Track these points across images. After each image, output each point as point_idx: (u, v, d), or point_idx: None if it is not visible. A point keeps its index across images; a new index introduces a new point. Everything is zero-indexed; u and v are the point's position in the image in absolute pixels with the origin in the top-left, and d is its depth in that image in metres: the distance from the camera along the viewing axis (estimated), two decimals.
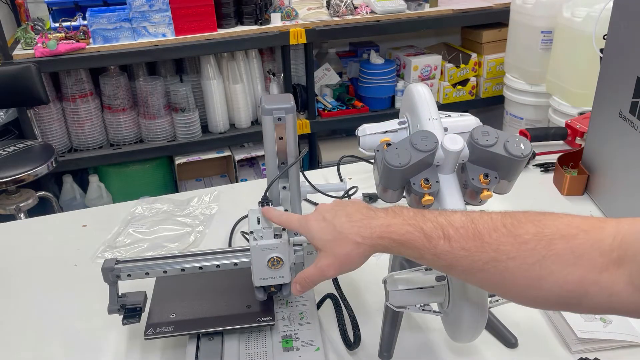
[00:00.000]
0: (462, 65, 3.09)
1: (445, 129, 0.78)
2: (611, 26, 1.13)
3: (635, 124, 1.05)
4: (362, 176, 1.36)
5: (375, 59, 2.94)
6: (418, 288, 0.75)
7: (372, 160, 0.83)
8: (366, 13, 2.80)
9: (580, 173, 1.27)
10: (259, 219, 0.81)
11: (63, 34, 2.45)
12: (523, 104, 2.75)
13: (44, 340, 0.93)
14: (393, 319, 0.83)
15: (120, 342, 0.90)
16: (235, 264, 0.82)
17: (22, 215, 2.35)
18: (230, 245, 1.15)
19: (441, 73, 3.10)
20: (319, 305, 0.92)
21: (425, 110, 0.79)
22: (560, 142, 1.49)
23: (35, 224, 1.32)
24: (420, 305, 0.76)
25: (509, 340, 0.87)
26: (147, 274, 0.82)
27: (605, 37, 1.15)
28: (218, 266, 0.82)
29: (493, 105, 3.23)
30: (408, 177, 0.74)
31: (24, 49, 2.44)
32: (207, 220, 1.23)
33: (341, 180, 1.35)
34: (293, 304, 0.90)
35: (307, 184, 1.13)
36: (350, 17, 2.78)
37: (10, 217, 2.33)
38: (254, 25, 2.66)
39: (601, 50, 1.19)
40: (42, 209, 2.51)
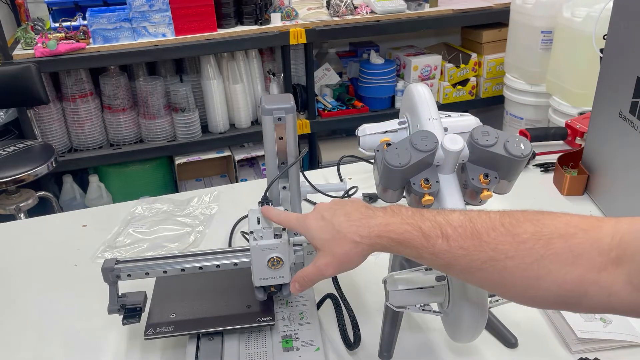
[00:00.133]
0: (462, 65, 3.09)
1: (445, 129, 0.78)
2: (611, 26, 1.13)
3: (635, 124, 1.05)
4: (362, 176, 1.36)
5: (375, 59, 2.94)
6: (418, 288, 0.75)
7: (372, 160, 0.83)
8: (366, 13, 2.80)
9: (580, 173, 1.27)
10: (259, 219, 0.81)
11: (63, 34, 2.45)
12: (523, 104, 2.75)
13: (44, 340, 0.93)
14: (393, 319, 0.83)
15: (120, 342, 0.90)
16: (235, 264, 0.82)
17: (22, 215, 2.35)
18: (230, 245, 1.15)
19: (441, 73, 3.10)
20: (319, 305, 0.92)
21: (425, 110, 0.79)
22: (560, 142, 1.49)
23: (35, 224, 1.32)
24: (420, 305, 0.76)
25: (509, 340, 0.87)
26: (147, 274, 0.82)
27: (605, 37, 1.15)
28: (218, 266, 0.82)
29: (493, 105, 3.23)
30: (408, 177, 0.74)
31: (24, 49, 2.44)
32: (207, 220, 1.24)
33: (341, 180, 1.35)
34: (293, 304, 0.90)
35: (307, 184, 1.13)
36: (350, 17, 2.78)
37: (10, 217, 2.33)
38: (254, 25, 2.66)
39: (601, 50, 1.19)
40: (42, 209, 2.51)
